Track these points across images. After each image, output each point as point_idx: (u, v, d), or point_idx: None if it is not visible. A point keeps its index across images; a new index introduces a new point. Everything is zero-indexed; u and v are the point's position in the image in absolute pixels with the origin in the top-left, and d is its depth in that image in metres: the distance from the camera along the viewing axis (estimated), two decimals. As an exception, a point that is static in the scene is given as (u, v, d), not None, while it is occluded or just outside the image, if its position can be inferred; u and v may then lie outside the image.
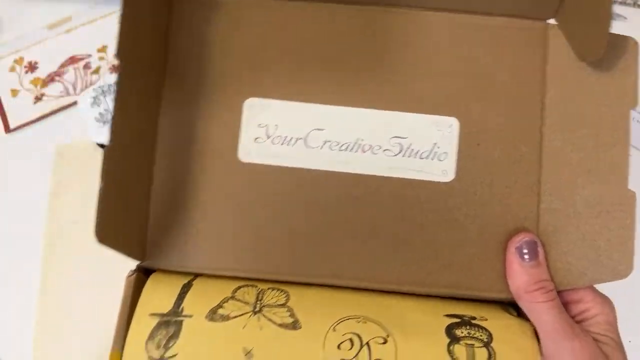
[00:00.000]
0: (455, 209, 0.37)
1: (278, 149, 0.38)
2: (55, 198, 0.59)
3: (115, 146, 0.33)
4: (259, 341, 0.32)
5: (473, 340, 0.33)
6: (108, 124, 0.61)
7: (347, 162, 0.38)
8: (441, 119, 0.38)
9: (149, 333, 0.34)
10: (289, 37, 0.39)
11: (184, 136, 0.38)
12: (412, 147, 0.38)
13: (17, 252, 0.56)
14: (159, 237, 0.38)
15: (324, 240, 0.37)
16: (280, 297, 0.35)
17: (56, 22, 0.71)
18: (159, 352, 0.33)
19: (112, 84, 0.63)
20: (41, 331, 0.52)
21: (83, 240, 0.56)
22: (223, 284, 0.36)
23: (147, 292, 0.36)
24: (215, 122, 0.38)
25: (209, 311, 0.34)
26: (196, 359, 0.33)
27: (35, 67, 0.68)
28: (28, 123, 0.63)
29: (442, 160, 0.38)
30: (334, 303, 0.36)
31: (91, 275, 0.55)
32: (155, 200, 0.38)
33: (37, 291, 0.54)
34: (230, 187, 0.38)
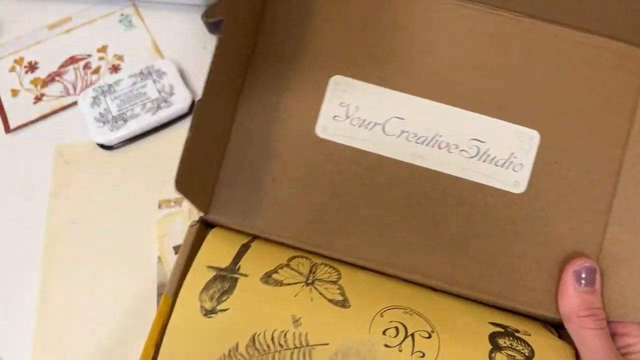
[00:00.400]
0: (519, 221, 0.37)
1: (355, 130, 0.38)
2: (55, 198, 0.59)
3: (205, 101, 0.34)
4: (308, 311, 0.33)
5: (515, 352, 0.33)
6: (108, 124, 0.61)
7: (421, 156, 0.38)
8: (523, 130, 0.37)
9: (204, 284, 0.34)
10: (388, 23, 0.38)
11: (267, 102, 0.39)
12: (489, 153, 0.37)
13: (16, 252, 0.56)
14: (225, 194, 0.38)
15: (382, 227, 0.37)
16: (332, 274, 0.36)
17: (56, 22, 0.71)
18: (211, 304, 0.34)
19: (112, 84, 0.63)
20: (41, 331, 0.52)
21: (83, 240, 0.56)
22: (279, 250, 0.37)
23: (207, 245, 0.37)
24: (299, 93, 0.38)
25: (264, 274, 0.35)
26: (246, 316, 0.33)
27: (35, 67, 0.68)
28: (28, 123, 0.63)
29: (517, 171, 0.37)
30: (383, 290, 0.36)
31: (91, 274, 0.55)
32: (228, 158, 0.39)
33: (37, 291, 0.54)
34: (302, 158, 0.38)
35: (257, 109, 0.39)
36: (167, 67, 0.65)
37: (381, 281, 0.37)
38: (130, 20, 0.71)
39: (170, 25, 0.71)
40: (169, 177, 0.62)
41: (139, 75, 0.64)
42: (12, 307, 0.54)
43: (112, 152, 0.61)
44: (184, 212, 0.56)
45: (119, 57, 0.68)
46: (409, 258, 0.37)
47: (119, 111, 0.62)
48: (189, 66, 0.67)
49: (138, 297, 0.53)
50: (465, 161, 0.37)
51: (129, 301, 0.53)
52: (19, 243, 0.57)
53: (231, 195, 0.38)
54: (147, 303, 0.53)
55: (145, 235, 0.56)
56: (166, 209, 0.58)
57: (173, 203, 0.58)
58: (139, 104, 0.62)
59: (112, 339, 0.52)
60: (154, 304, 0.53)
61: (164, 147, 0.62)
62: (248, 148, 0.38)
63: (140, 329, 0.53)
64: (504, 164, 0.37)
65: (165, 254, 0.55)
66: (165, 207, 0.58)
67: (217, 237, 0.38)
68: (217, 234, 0.38)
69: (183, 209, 0.57)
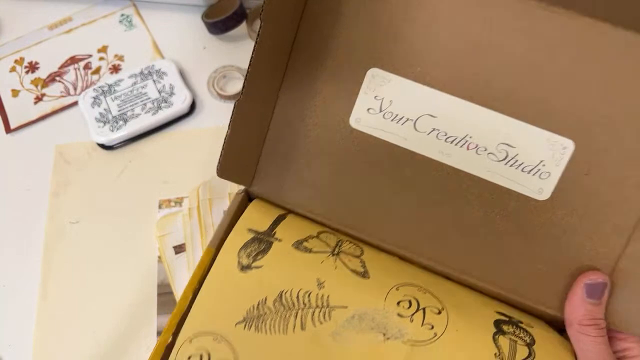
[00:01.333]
0: (538, 226, 0.37)
1: (387, 124, 0.39)
2: (55, 197, 0.59)
3: (247, 92, 0.36)
4: (331, 276, 0.37)
5: (517, 338, 0.35)
6: (108, 124, 0.62)
7: (449, 155, 0.38)
8: (557, 138, 0.36)
9: (244, 243, 0.39)
10: (429, 19, 0.37)
11: (305, 92, 0.40)
12: (518, 158, 0.37)
13: (17, 252, 0.56)
14: (266, 171, 0.42)
15: (405, 215, 0.39)
16: (356, 250, 0.39)
17: (56, 23, 0.72)
18: (248, 260, 0.38)
19: (112, 84, 0.64)
20: (42, 330, 0.52)
21: (83, 239, 0.56)
22: (310, 225, 0.41)
23: (249, 211, 0.41)
24: (337, 85, 0.39)
25: (295, 241, 0.39)
26: (277, 275, 0.37)
27: (36, 67, 0.68)
28: (28, 123, 0.64)
29: (543, 179, 0.36)
30: (401, 270, 0.39)
31: (91, 274, 0.55)
32: (269, 139, 0.41)
33: (38, 290, 0.54)
34: (336, 146, 0.40)
35: (296, 98, 0.40)
36: (168, 67, 0.65)
37: (399, 263, 0.40)
38: (130, 20, 0.71)
39: (170, 25, 0.71)
40: (169, 177, 0.62)
41: (139, 76, 0.64)
42: (12, 306, 0.54)
43: (112, 152, 0.61)
44: (184, 212, 0.56)
45: (120, 57, 0.68)
46: (427, 246, 0.39)
47: (120, 111, 0.62)
48: (189, 66, 0.67)
49: (138, 296, 0.53)
50: (492, 164, 0.37)
51: (130, 300, 0.53)
52: (19, 242, 0.57)
53: (271, 173, 0.42)
54: (148, 302, 0.53)
55: (146, 234, 0.56)
56: (166, 209, 0.58)
57: (173, 203, 0.58)
58: (139, 104, 0.62)
59: (113, 337, 0.52)
60: (154, 303, 0.53)
61: (165, 147, 0.62)
62: (287, 133, 0.41)
63: (141, 327, 0.53)
64: (530, 170, 0.37)
65: (165, 253, 0.55)
66: (165, 207, 0.58)
67: (258, 207, 0.42)
68: (257, 204, 0.42)
69: (183, 209, 0.57)
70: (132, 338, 0.52)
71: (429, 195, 0.39)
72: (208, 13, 0.68)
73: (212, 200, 0.57)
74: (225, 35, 0.69)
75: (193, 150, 0.61)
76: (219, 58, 0.68)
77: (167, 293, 0.53)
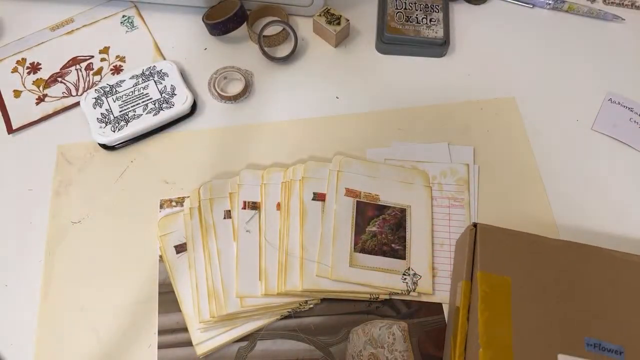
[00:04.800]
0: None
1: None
2: (57, 197, 0.59)
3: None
4: None
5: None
6: (110, 125, 0.62)
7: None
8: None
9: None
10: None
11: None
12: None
13: (19, 251, 0.57)
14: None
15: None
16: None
17: (58, 24, 0.72)
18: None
19: (114, 84, 0.64)
20: (43, 329, 0.53)
21: (85, 239, 0.57)
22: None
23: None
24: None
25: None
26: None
27: (38, 68, 0.68)
28: (30, 124, 0.64)
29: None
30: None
31: (93, 273, 0.55)
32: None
33: (39, 290, 0.55)
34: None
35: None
36: (169, 68, 0.65)
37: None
38: (132, 21, 0.72)
39: (171, 26, 0.71)
40: (171, 177, 0.63)
41: (141, 76, 0.65)
42: (14, 306, 0.54)
43: (114, 153, 0.62)
44: (185, 212, 0.57)
45: (121, 58, 0.69)
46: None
47: (121, 112, 0.62)
48: (190, 67, 0.68)
49: (140, 295, 0.54)
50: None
51: (131, 299, 0.54)
52: (21, 242, 0.57)
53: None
54: (149, 300, 0.53)
55: (147, 234, 0.57)
56: (167, 209, 0.58)
57: (174, 203, 0.58)
58: (140, 105, 0.63)
59: (114, 336, 0.52)
60: (156, 302, 0.53)
61: (166, 148, 0.62)
62: None
63: (142, 326, 0.53)
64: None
65: (167, 252, 0.55)
66: (166, 207, 0.58)
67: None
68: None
69: (184, 209, 0.57)
70: (133, 336, 0.52)
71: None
72: (209, 14, 0.69)
73: (213, 200, 0.57)
74: (226, 36, 0.69)
75: (194, 151, 0.62)
76: (220, 59, 0.68)
77: (168, 292, 0.54)
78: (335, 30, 0.67)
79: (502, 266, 0.46)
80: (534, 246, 0.47)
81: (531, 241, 0.48)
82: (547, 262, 0.47)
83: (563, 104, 0.65)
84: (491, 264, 0.46)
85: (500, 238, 0.48)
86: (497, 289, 0.44)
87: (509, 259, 0.46)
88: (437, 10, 0.69)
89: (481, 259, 0.46)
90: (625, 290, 0.46)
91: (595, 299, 0.45)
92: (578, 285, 0.46)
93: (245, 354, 0.51)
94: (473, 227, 0.48)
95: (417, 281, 0.53)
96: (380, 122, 0.63)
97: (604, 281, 0.46)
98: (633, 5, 0.73)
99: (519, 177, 0.59)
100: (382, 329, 0.50)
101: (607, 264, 0.47)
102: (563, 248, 0.47)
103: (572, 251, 0.47)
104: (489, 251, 0.47)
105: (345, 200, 0.56)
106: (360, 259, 0.54)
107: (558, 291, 0.45)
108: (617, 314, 0.44)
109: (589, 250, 0.48)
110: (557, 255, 0.47)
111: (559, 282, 0.46)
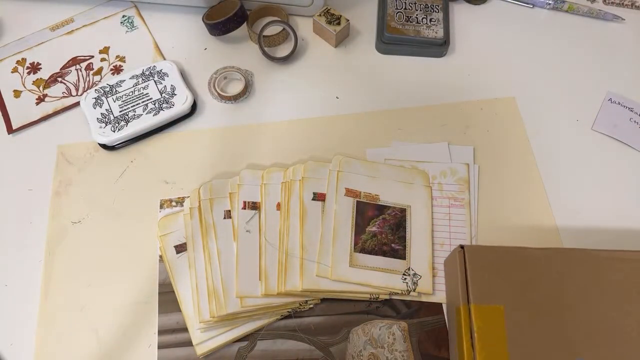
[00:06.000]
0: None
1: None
2: (57, 197, 0.59)
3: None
4: None
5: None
6: (110, 125, 0.62)
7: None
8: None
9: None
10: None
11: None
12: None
13: (19, 251, 0.57)
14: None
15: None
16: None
17: (58, 24, 0.72)
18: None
19: (114, 84, 0.64)
20: (44, 329, 0.53)
21: (85, 239, 0.57)
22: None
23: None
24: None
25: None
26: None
27: (38, 68, 0.68)
28: (30, 124, 0.64)
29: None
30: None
31: (93, 273, 0.55)
32: None
33: (40, 290, 0.55)
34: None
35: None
36: (169, 68, 0.65)
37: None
38: (132, 21, 0.72)
39: (171, 26, 0.71)
40: (171, 177, 0.63)
41: (141, 76, 0.65)
42: (14, 306, 0.54)
43: (114, 153, 0.62)
44: (185, 212, 0.57)
45: (121, 58, 0.69)
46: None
47: (121, 112, 0.62)
48: (190, 67, 0.68)
49: (140, 295, 0.54)
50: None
51: (131, 299, 0.54)
52: (21, 242, 0.57)
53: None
54: (149, 301, 0.53)
55: (147, 234, 0.57)
56: (167, 209, 0.58)
57: (174, 203, 0.58)
58: (140, 105, 0.63)
59: (114, 336, 0.52)
60: (156, 302, 0.53)
61: (166, 148, 0.62)
62: None
63: (143, 326, 0.53)
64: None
65: (167, 252, 0.55)
66: (166, 207, 0.58)
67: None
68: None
69: (184, 209, 0.57)
70: (133, 336, 0.52)
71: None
72: (209, 14, 0.69)
73: (213, 200, 0.57)
74: (226, 36, 0.69)
75: (194, 151, 0.62)
76: (220, 59, 0.68)
77: (168, 292, 0.54)
78: (335, 30, 0.67)
79: (494, 293, 0.46)
80: (521, 259, 0.48)
81: (518, 255, 0.48)
82: (536, 276, 0.47)
83: (563, 104, 0.65)
84: (483, 293, 0.46)
85: (488, 258, 0.48)
86: (491, 323, 0.45)
87: (499, 281, 0.47)
88: (437, 10, 0.69)
89: (473, 289, 0.46)
90: (613, 289, 0.46)
91: (585, 308, 0.46)
92: (567, 296, 0.46)
93: (245, 354, 0.51)
94: (461, 249, 0.48)
95: (417, 281, 0.53)
96: (380, 122, 0.63)
97: (592, 284, 0.47)
98: (633, 5, 0.73)
99: (519, 177, 0.60)
100: (382, 329, 0.50)
101: (593, 265, 0.47)
102: (549, 256, 0.48)
103: (559, 257, 0.48)
104: (479, 276, 0.47)
105: (345, 200, 0.56)
106: (360, 259, 0.54)
107: (549, 308, 0.46)
108: (607, 322, 0.45)
109: (574, 255, 0.48)
110: (545, 265, 0.47)
111: (549, 297, 0.46)
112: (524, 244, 0.49)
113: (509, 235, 0.56)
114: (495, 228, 0.56)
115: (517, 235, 0.56)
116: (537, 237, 0.56)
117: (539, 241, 0.55)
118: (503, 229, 0.56)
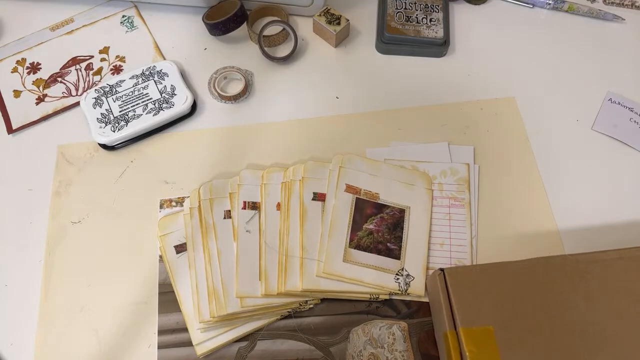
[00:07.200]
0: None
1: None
2: (57, 197, 0.59)
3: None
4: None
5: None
6: (110, 125, 0.62)
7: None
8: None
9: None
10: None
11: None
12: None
13: (19, 251, 0.57)
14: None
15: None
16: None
17: (58, 24, 0.72)
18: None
19: (114, 84, 0.64)
20: (43, 329, 0.53)
21: (85, 239, 0.57)
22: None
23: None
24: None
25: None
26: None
27: (38, 68, 0.68)
28: (30, 124, 0.64)
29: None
30: None
31: (93, 273, 0.55)
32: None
33: (40, 290, 0.55)
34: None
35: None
36: (169, 68, 0.65)
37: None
38: (132, 21, 0.72)
39: (171, 26, 0.71)
40: (171, 177, 0.63)
41: (141, 76, 0.65)
42: (14, 305, 0.54)
43: (113, 153, 0.62)
44: (185, 212, 0.57)
45: (121, 58, 0.69)
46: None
47: (121, 112, 0.62)
48: (190, 67, 0.68)
49: (140, 295, 0.54)
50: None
51: (131, 299, 0.54)
52: (21, 242, 0.57)
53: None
54: (149, 301, 0.53)
55: (147, 234, 0.57)
56: (167, 209, 0.58)
57: (174, 203, 0.58)
58: (140, 105, 0.63)
59: (114, 336, 0.52)
60: (156, 302, 0.53)
61: (166, 148, 0.62)
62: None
63: (142, 326, 0.53)
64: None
65: (167, 252, 0.55)
66: (166, 207, 0.58)
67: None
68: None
69: (184, 209, 0.57)
70: (133, 336, 0.52)
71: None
72: (209, 14, 0.69)
73: (213, 200, 0.57)
74: (226, 36, 0.69)
75: (194, 151, 0.62)
76: (220, 59, 0.68)
77: (168, 292, 0.54)
78: (335, 30, 0.67)
79: (480, 314, 0.45)
80: (503, 275, 0.47)
81: (499, 270, 0.48)
82: (520, 289, 0.47)
83: (563, 104, 0.65)
84: (470, 315, 0.45)
85: (470, 278, 0.47)
86: (482, 345, 0.44)
87: (484, 300, 0.46)
88: (437, 10, 0.69)
89: (459, 312, 0.45)
90: (598, 291, 0.47)
91: (573, 314, 0.45)
92: (554, 304, 0.46)
93: (245, 354, 0.51)
94: (441, 272, 0.48)
95: (410, 282, 0.53)
96: (380, 122, 0.63)
97: (575, 289, 0.46)
98: (633, 5, 0.73)
99: (519, 177, 0.60)
100: (382, 329, 0.50)
101: (573, 269, 0.47)
102: (529, 267, 0.48)
103: (539, 267, 0.48)
104: (463, 298, 0.46)
105: (344, 196, 0.56)
106: (354, 255, 0.54)
107: (538, 320, 0.45)
108: (596, 325, 0.45)
109: (554, 262, 0.48)
110: (527, 277, 0.47)
111: (536, 309, 0.46)
112: (524, 244, 0.49)
113: (508, 235, 0.56)
114: (495, 228, 0.56)
115: (517, 235, 0.56)
116: (537, 237, 0.56)
117: (538, 241, 0.56)
118: (503, 228, 0.56)
